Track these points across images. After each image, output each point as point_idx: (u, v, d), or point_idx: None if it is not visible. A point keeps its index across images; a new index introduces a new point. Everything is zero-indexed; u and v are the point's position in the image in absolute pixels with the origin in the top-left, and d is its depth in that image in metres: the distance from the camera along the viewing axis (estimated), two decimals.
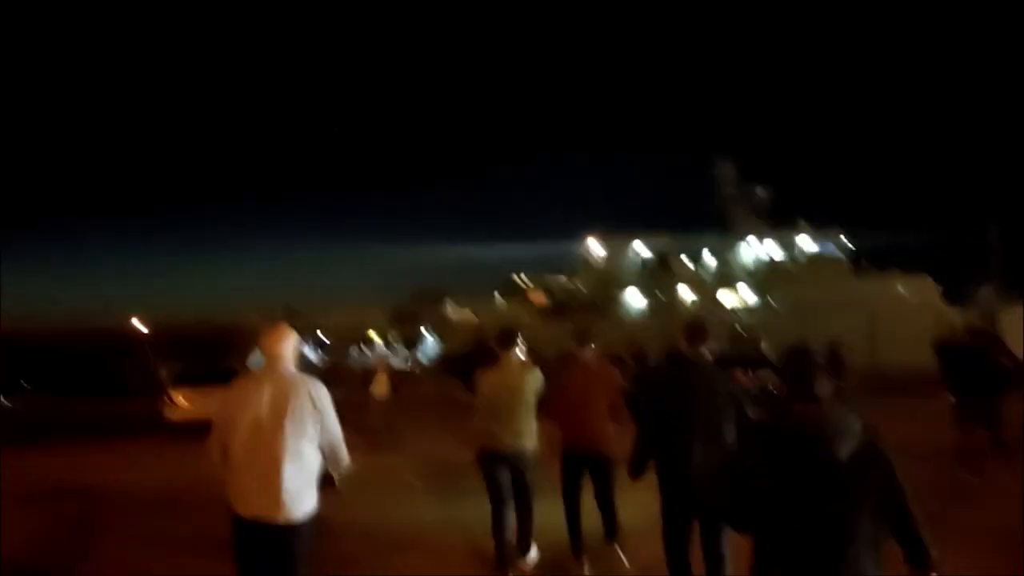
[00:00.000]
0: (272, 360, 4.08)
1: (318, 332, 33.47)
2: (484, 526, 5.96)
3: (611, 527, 6.10)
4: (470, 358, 17.86)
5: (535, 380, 5.86)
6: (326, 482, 4.16)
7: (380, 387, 14.07)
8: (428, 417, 16.64)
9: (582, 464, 5.96)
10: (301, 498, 3.94)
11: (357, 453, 4.08)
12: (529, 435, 5.79)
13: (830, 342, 12.01)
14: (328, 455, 4.10)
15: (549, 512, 6.00)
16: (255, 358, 31.40)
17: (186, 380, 16.01)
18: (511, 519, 5.84)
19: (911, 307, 33.55)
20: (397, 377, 18.31)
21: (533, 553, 5.89)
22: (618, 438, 5.77)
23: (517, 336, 5.97)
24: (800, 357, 3.12)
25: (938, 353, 10.94)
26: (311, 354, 32.37)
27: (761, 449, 2.94)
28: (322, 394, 4.05)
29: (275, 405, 3.94)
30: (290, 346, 4.12)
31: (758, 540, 2.98)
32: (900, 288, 37.48)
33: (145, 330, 34.26)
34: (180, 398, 15.14)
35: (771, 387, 14.07)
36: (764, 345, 28.51)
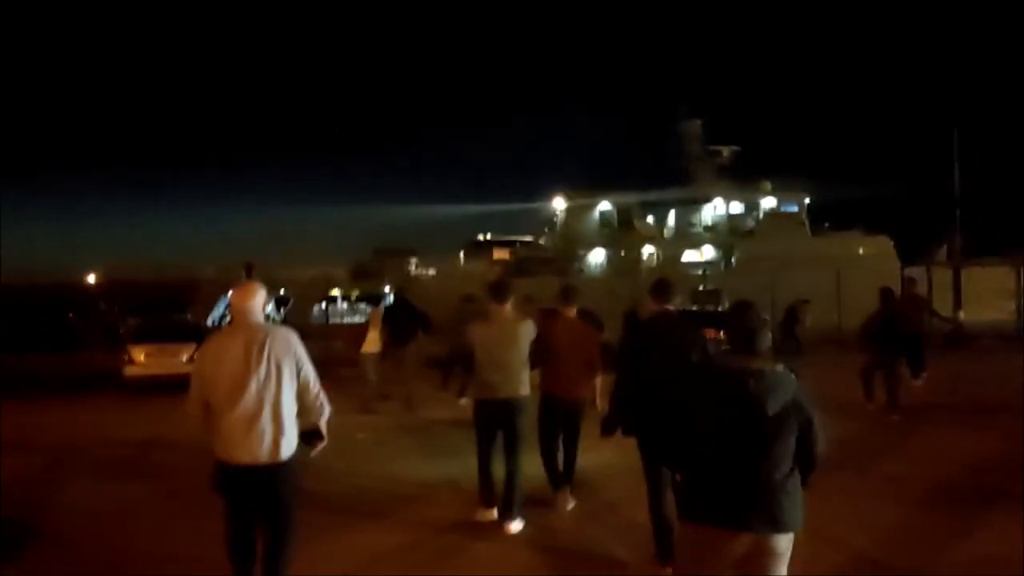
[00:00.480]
0: (242, 314, 4.27)
1: (280, 290, 33.05)
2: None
3: (568, 473, 6.64)
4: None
5: (528, 332, 6.15)
6: (313, 436, 4.35)
7: (372, 344, 12.57)
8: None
9: (557, 410, 6.44)
10: (283, 441, 4.12)
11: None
12: (521, 384, 6.06)
13: (793, 301, 12.75)
14: (308, 401, 4.27)
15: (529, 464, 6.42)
16: (216, 313, 31.10)
17: (145, 337, 15.62)
18: (498, 471, 6.13)
19: (869, 266, 34.07)
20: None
21: (516, 524, 6.05)
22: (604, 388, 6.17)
23: (510, 289, 6.22)
24: (743, 314, 3.36)
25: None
26: (272, 311, 32.00)
27: (702, 393, 3.19)
28: (295, 342, 4.24)
29: (249, 356, 4.10)
30: (259, 301, 4.30)
31: (687, 475, 3.27)
32: (860, 247, 38.07)
33: (102, 285, 33.61)
34: (140, 355, 14.84)
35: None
36: (726, 303, 28.92)
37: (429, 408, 11.91)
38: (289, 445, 4.19)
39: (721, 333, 12.69)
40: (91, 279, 34.09)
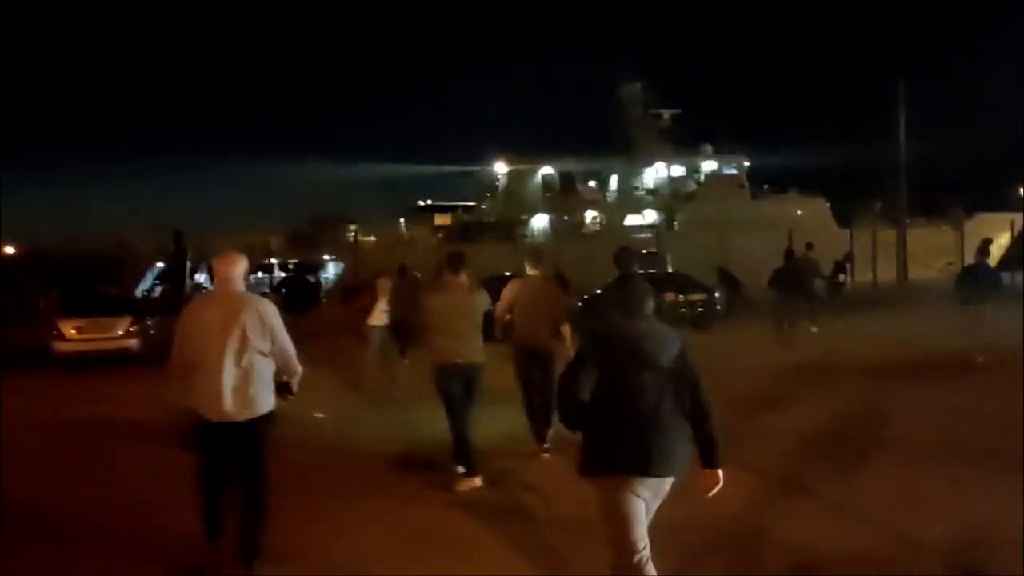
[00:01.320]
0: (224, 283, 4.63)
1: (212, 258, 31.89)
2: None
3: (546, 417, 7.06)
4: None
5: (482, 300, 6.50)
6: (283, 389, 4.68)
7: (379, 316, 11.06)
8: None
9: (530, 358, 7.12)
10: (257, 399, 4.49)
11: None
12: (478, 351, 6.41)
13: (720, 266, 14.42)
14: (281, 364, 4.63)
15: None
16: (145, 283, 29.83)
17: (75, 310, 14.58)
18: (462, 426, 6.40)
19: (804, 228, 34.61)
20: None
21: (476, 481, 6.22)
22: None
23: (464, 260, 6.53)
24: (630, 284, 3.91)
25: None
26: (203, 279, 30.86)
27: (598, 353, 3.52)
28: (270, 310, 4.59)
29: (228, 321, 4.43)
30: (240, 270, 4.68)
31: (588, 432, 3.50)
32: (797, 209, 38.66)
33: (20, 255, 31.93)
34: (70, 329, 13.82)
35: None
36: (669, 266, 29.07)
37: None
38: (264, 403, 4.53)
39: (678, 296, 12.86)
40: (8, 250, 32.27)
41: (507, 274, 13.32)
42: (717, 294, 18.01)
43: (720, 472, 3.50)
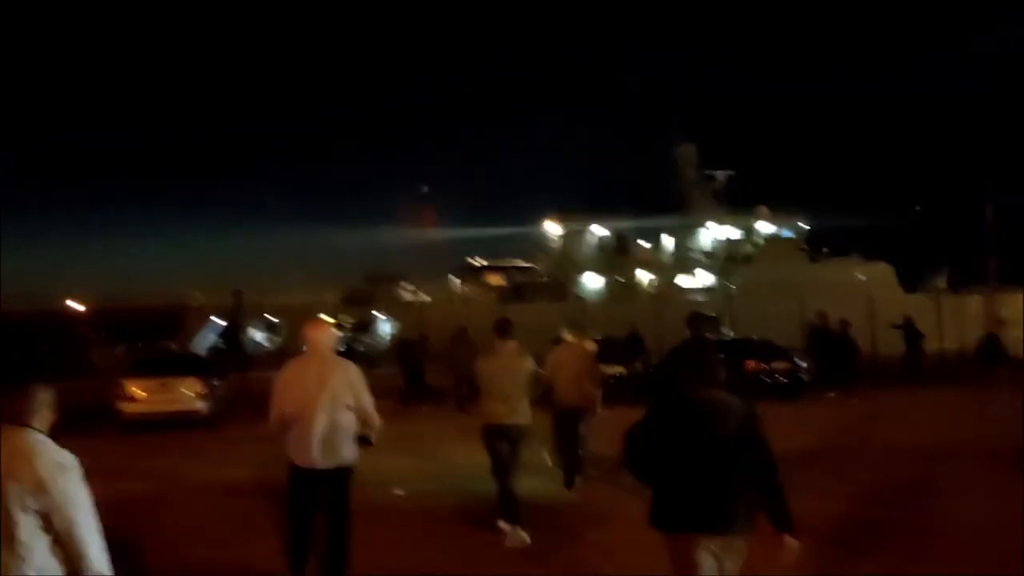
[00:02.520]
0: (315, 346, 5.36)
1: (266, 315, 32.20)
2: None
3: (575, 466, 8.15)
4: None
5: (529, 365, 6.97)
6: (364, 441, 5.37)
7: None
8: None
9: (568, 416, 8.07)
10: (343, 450, 5.20)
11: None
12: (524, 413, 6.86)
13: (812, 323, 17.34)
14: (363, 419, 5.30)
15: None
16: (204, 339, 30.19)
17: (144, 370, 14.28)
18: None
19: (867, 292, 33.61)
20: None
21: (521, 535, 6.53)
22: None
23: (512, 327, 7.00)
24: (703, 350, 4.08)
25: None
26: (260, 336, 31.14)
27: (670, 419, 3.75)
28: (356, 372, 5.34)
29: (320, 380, 5.15)
30: (330, 336, 5.46)
31: (657, 490, 3.72)
32: (858, 273, 37.65)
33: (83, 310, 32.73)
34: (137, 391, 13.43)
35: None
36: (724, 328, 28.37)
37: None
38: (348, 454, 5.25)
39: (761, 364, 12.55)
40: (73, 305, 33.08)
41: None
42: (803, 363, 16.90)
43: (790, 538, 3.57)
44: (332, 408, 5.12)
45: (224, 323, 28.67)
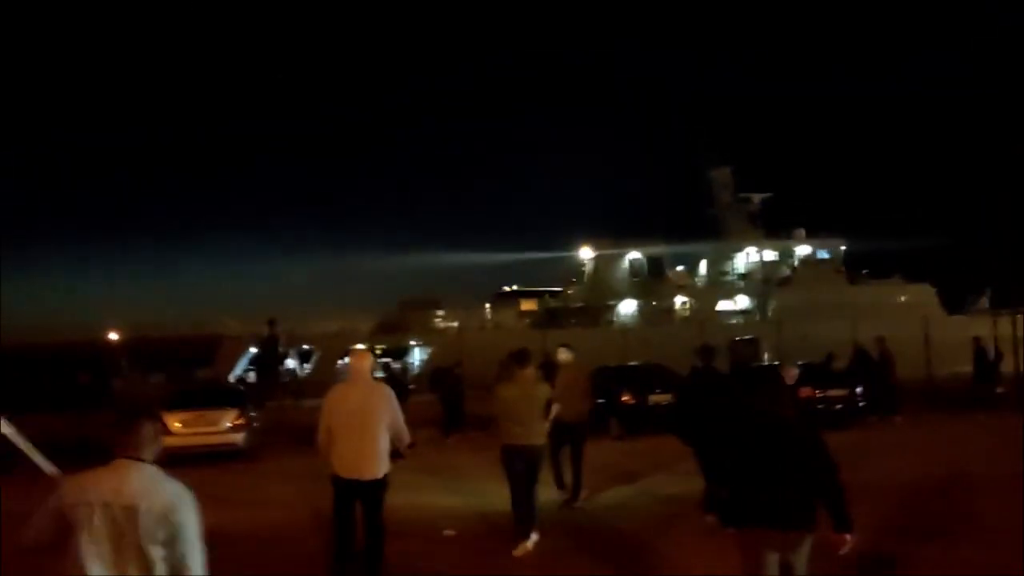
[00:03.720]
0: (358, 373, 6.34)
1: (303, 345, 32.25)
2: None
3: (578, 478, 9.23)
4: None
5: (545, 391, 7.79)
6: (396, 455, 6.30)
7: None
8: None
9: (564, 431, 8.85)
10: (380, 463, 6.09)
11: None
12: (540, 434, 7.64)
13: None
14: (395, 436, 6.22)
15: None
16: (239, 367, 30.24)
17: (181, 403, 14.12)
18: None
19: (909, 315, 32.74)
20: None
21: (534, 536, 7.45)
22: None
23: (529, 356, 7.77)
24: (755, 372, 8.83)
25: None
26: (295, 365, 31.15)
27: (742, 428, 4.46)
28: (391, 395, 6.29)
29: (361, 402, 6.10)
30: (368, 364, 6.44)
31: (736, 490, 4.35)
32: (901, 296, 36.79)
33: (121, 341, 33.06)
34: (176, 423, 13.27)
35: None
36: (765, 353, 27.72)
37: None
38: (384, 467, 6.14)
39: (815, 391, 12.30)
40: (112, 336, 33.40)
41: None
42: (859, 389, 16.35)
43: (848, 536, 4.17)
44: (371, 426, 6.03)
45: (258, 352, 28.70)
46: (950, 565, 6.63)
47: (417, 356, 33.71)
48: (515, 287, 41.57)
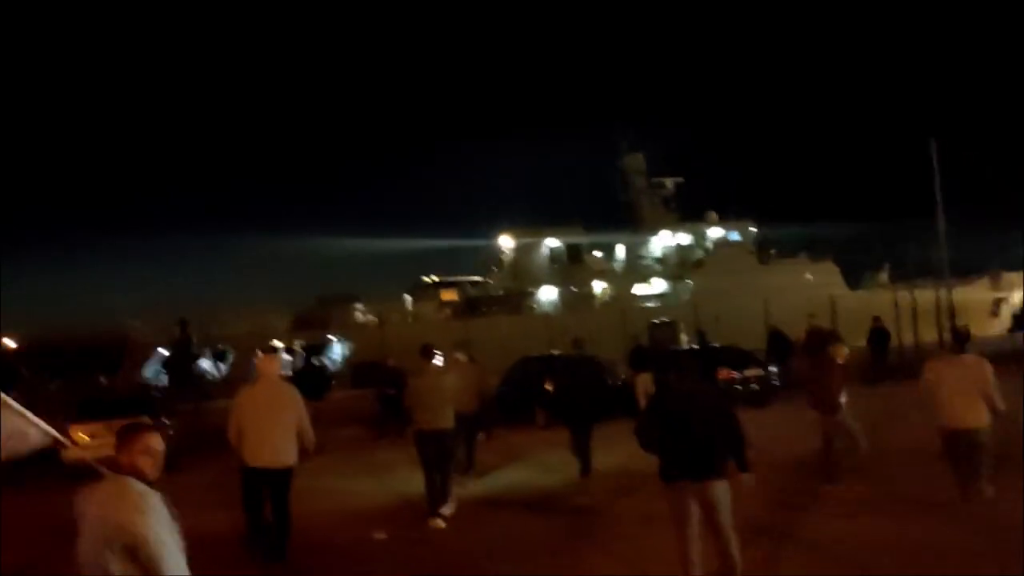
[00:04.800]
0: (266, 375, 7.21)
1: (218, 345, 31.13)
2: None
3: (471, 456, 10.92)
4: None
5: (450, 380, 9.03)
6: (304, 452, 7.12)
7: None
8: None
9: (461, 422, 9.48)
10: (286, 453, 6.89)
11: None
12: (447, 419, 8.60)
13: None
14: (300, 431, 7.02)
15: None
16: (148, 371, 28.93)
17: (90, 412, 13.39)
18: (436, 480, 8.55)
19: (814, 292, 34.09)
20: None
21: (450, 507, 8.59)
22: None
23: (433, 350, 8.87)
24: (680, 354, 11.97)
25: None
26: (208, 366, 30.06)
27: (664, 403, 5.58)
28: (297, 395, 7.16)
29: (268, 400, 6.92)
30: (278, 364, 7.62)
31: (663, 454, 5.37)
32: (806, 274, 38.27)
33: (15, 346, 31.24)
34: (82, 435, 12.57)
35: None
36: (681, 334, 28.38)
37: None
38: (290, 457, 6.96)
39: (732, 372, 12.76)
40: (5, 341, 31.47)
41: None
42: (774, 368, 17.10)
43: (747, 475, 5.38)
44: (278, 420, 6.81)
45: (170, 354, 27.58)
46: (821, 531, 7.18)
47: (337, 351, 33.10)
48: (435, 277, 41.26)
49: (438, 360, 9.09)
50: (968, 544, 6.52)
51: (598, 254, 41.14)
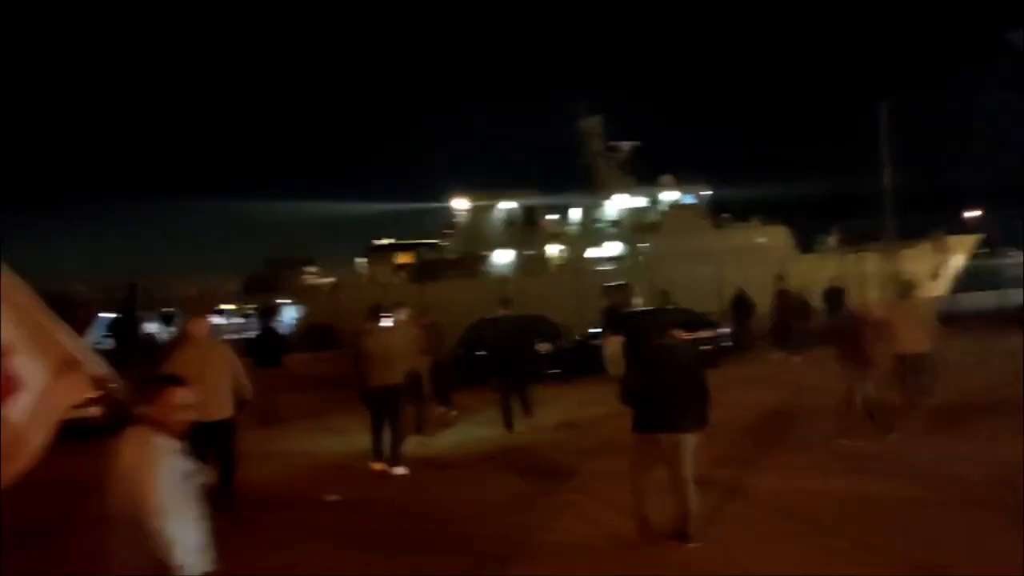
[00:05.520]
0: (197, 336, 7.76)
1: (165, 308, 30.38)
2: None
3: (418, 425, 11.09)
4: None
5: (397, 340, 9.64)
6: (241, 405, 7.82)
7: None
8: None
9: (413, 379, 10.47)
10: (223, 406, 7.56)
11: None
12: (398, 375, 9.38)
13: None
14: (237, 387, 7.75)
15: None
16: (92, 335, 28.13)
17: None
18: (386, 437, 9.21)
19: (767, 255, 34.60)
20: None
21: (401, 469, 9.09)
22: None
23: (379, 312, 9.64)
24: (652, 315, 13.61)
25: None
26: (155, 329, 29.38)
27: (648, 358, 6.17)
28: (230, 351, 7.96)
29: (201, 358, 7.36)
30: (208, 326, 8.10)
31: (639, 407, 5.97)
32: (758, 237, 38.72)
33: None
34: None
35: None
36: (634, 297, 28.62)
37: None
38: (227, 410, 7.63)
39: (686, 335, 12.48)
40: None
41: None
42: (727, 330, 17.91)
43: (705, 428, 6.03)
44: (212, 376, 7.28)
45: (115, 317, 26.85)
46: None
47: (288, 314, 32.62)
48: (389, 240, 40.78)
49: (386, 321, 9.61)
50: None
51: (554, 217, 41.02)
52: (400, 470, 9.01)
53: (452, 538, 6.77)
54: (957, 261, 36.95)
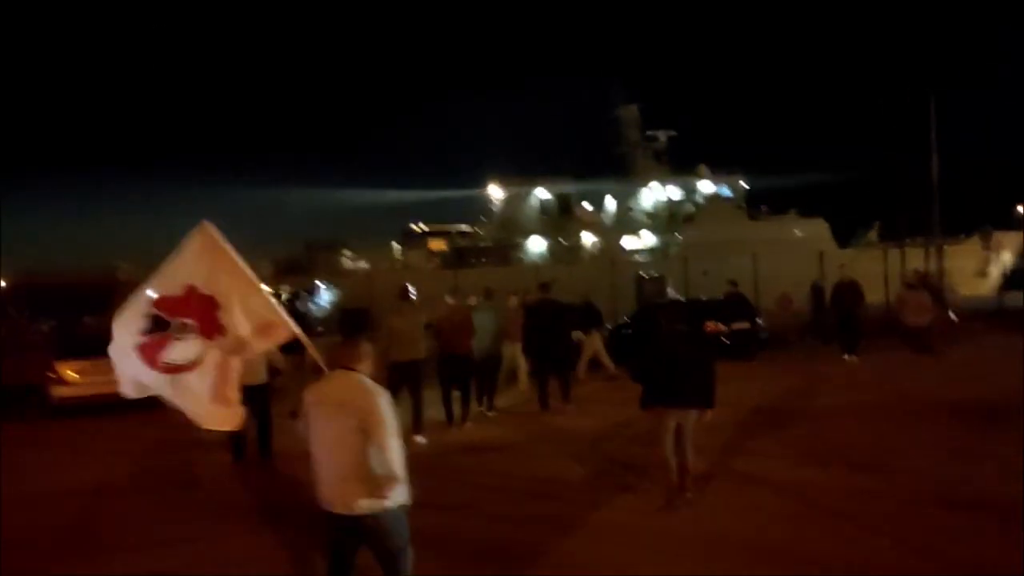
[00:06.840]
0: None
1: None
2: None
3: (468, 403, 11.04)
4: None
5: (422, 319, 10.09)
6: (275, 373, 9.17)
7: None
8: None
9: (453, 364, 10.73)
10: (260, 373, 8.72)
11: None
12: (420, 351, 9.88)
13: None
14: (270, 359, 8.76)
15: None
16: None
17: (76, 351, 13.21)
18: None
19: (804, 249, 34.12)
20: None
21: (421, 438, 9.60)
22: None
23: (408, 292, 10.09)
24: (675, 306, 10.95)
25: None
26: None
27: (665, 344, 6.73)
28: None
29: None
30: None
31: (647, 385, 6.72)
32: (795, 230, 38.21)
33: (8, 286, 31.00)
34: (69, 372, 12.65)
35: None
36: (669, 288, 28.49)
37: None
38: (262, 376, 8.84)
39: (719, 325, 13.13)
40: None
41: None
42: (761, 320, 17.25)
43: (711, 412, 6.73)
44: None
45: None
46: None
47: (324, 296, 33.05)
48: (423, 226, 41.04)
49: (412, 299, 10.05)
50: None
51: (588, 206, 40.91)
52: (420, 439, 9.51)
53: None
54: (1006, 258, 36.11)
